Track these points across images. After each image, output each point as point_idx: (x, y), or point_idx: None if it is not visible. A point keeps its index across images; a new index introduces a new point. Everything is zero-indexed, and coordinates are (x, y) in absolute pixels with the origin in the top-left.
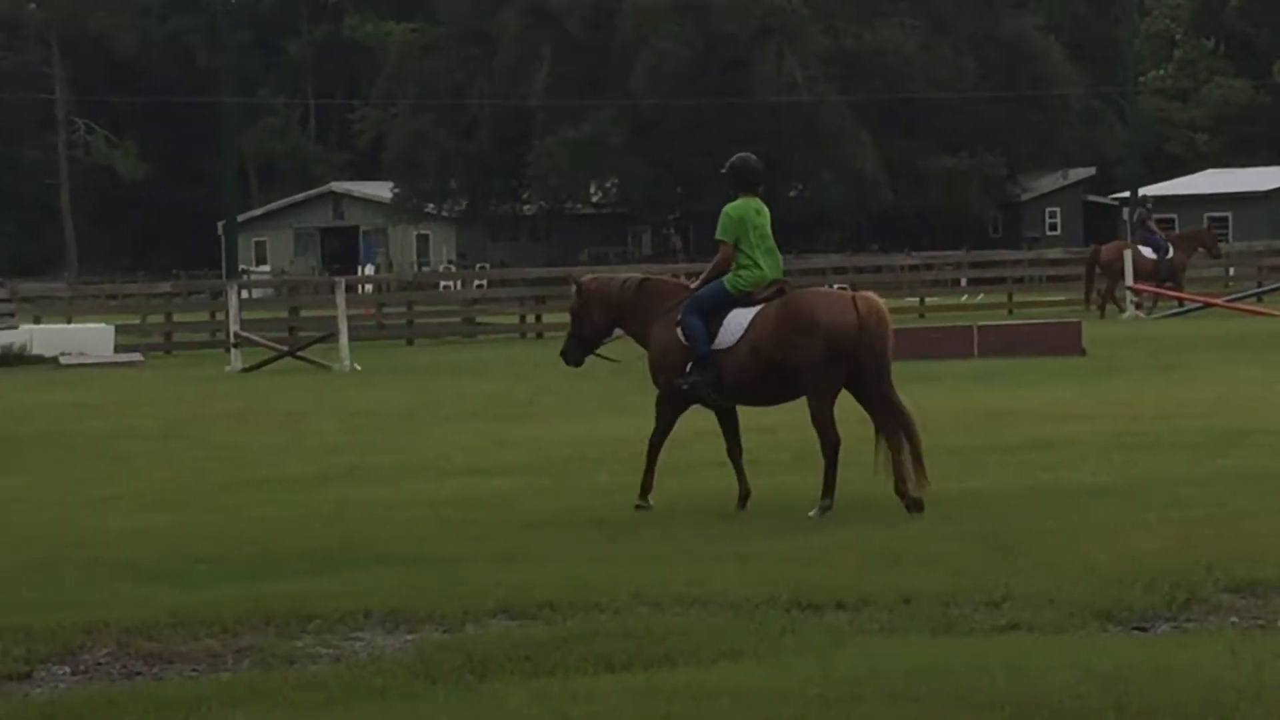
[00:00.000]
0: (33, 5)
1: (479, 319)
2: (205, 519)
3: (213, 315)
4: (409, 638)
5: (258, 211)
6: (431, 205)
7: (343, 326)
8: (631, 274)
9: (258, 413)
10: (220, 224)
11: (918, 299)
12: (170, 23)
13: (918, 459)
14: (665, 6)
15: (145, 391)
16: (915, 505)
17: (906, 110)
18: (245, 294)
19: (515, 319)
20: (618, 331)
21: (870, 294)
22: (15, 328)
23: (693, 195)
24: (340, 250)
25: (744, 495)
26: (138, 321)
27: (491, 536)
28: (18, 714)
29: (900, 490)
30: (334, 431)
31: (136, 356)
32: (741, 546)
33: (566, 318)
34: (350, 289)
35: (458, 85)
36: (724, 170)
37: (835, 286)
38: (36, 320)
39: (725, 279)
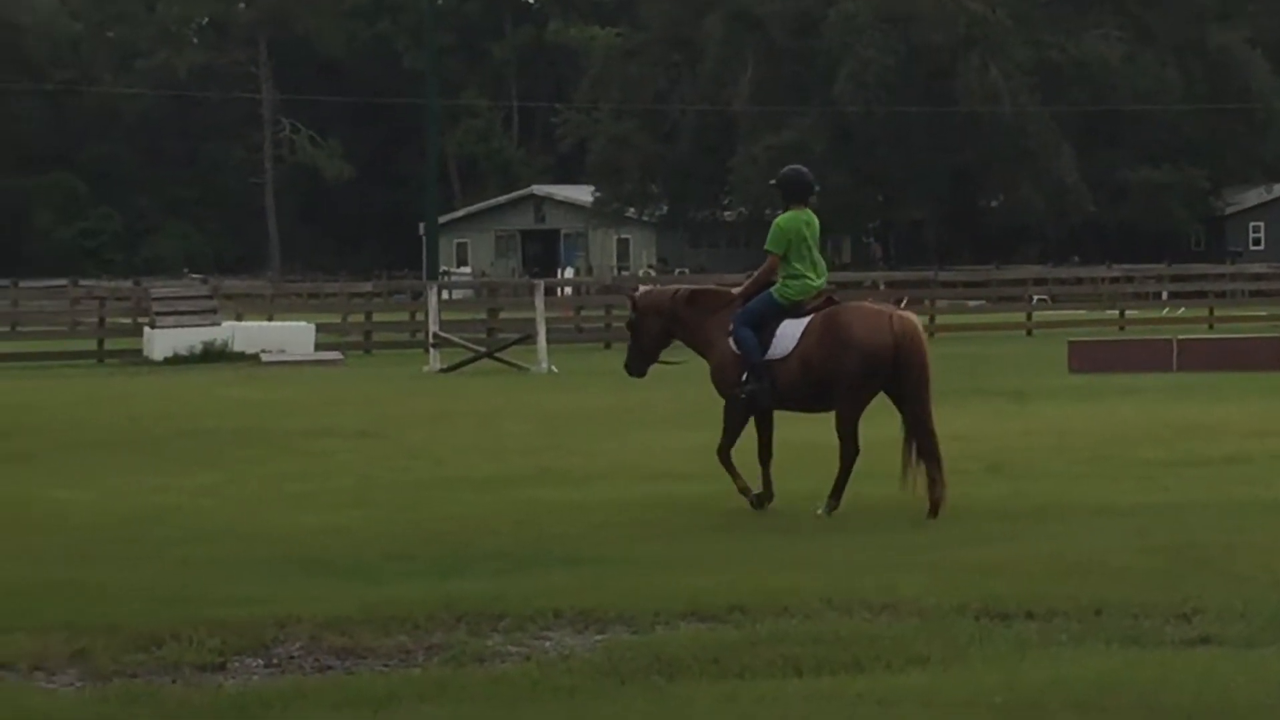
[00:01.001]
0: (242, 6)
1: None
2: (399, 517)
3: (412, 315)
4: (598, 638)
5: (459, 213)
6: (632, 210)
7: (541, 329)
8: (683, 286)
9: (454, 413)
10: (422, 225)
11: (1118, 311)
12: (377, 24)
13: (936, 471)
14: (870, 14)
15: (344, 390)
16: (932, 511)
17: (1109, 122)
18: (445, 295)
19: None
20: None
21: (908, 313)
22: (218, 324)
23: (894, 203)
24: (540, 253)
25: (767, 498)
26: (338, 320)
27: (682, 540)
28: (211, 704)
29: (930, 500)
30: (529, 433)
31: (336, 355)
32: (931, 555)
33: None
34: (549, 292)
35: (660, 90)
36: (774, 181)
37: (899, 302)
38: (239, 317)
39: (774, 290)
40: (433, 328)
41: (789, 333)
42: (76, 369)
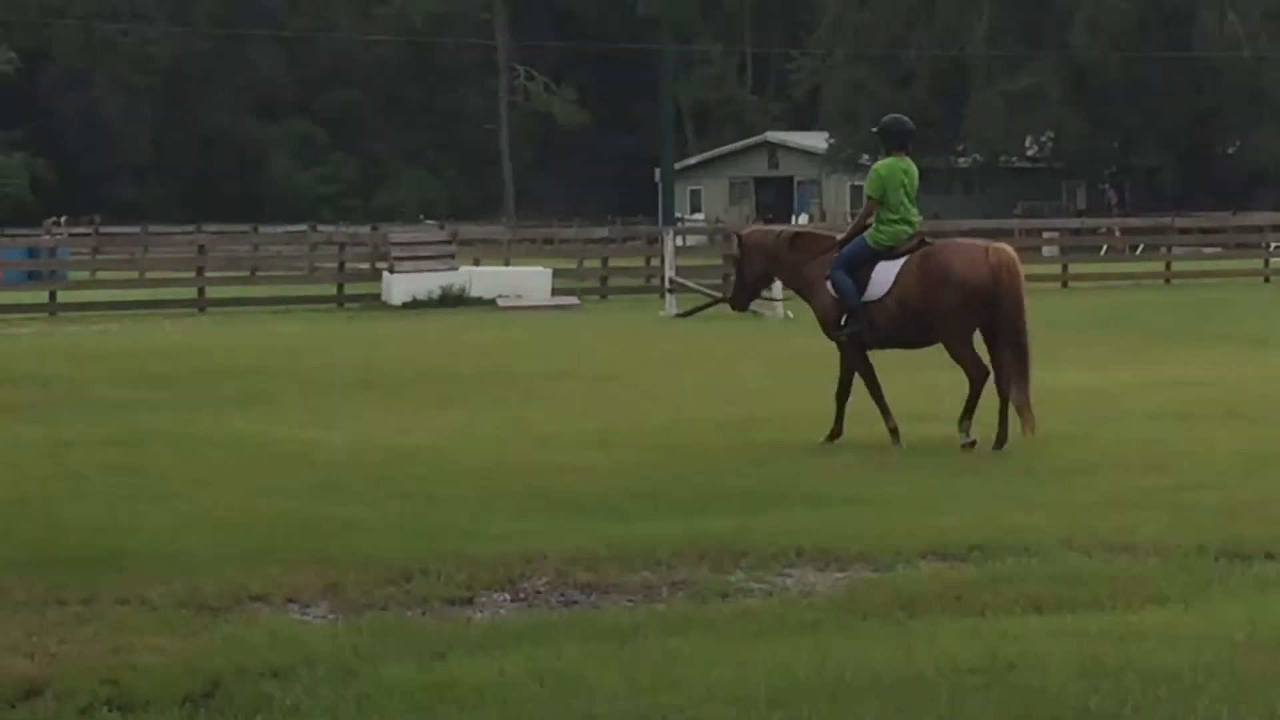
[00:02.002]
0: None
1: None
2: (641, 458)
3: (648, 261)
4: (840, 575)
5: (693, 160)
6: (866, 156)
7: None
8: (787, 228)
9: (691, 357)
10: (657, 171)
11: None
12: None
13: (1026, 403)
14: None
15: (581, 335)
16: (1024, 429)
17: None
18: (680, 241)
19: None
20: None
21: (1003, 245)
22: (456, 269)
23: (1130, 150)
24: (774, 199)
25: (835, 434)
26: (574, 266)
27: (922, 480)
28: (460, 636)
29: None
30: (766, 376)
31: (573, 300)
32: (1171, 497)
33: None
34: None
35: (895, 36)
36: (875, 129)
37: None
38: (476, 263)
39: (867, 234)
40: (669, 273)
41: (884, 275)
42: (316, 313)
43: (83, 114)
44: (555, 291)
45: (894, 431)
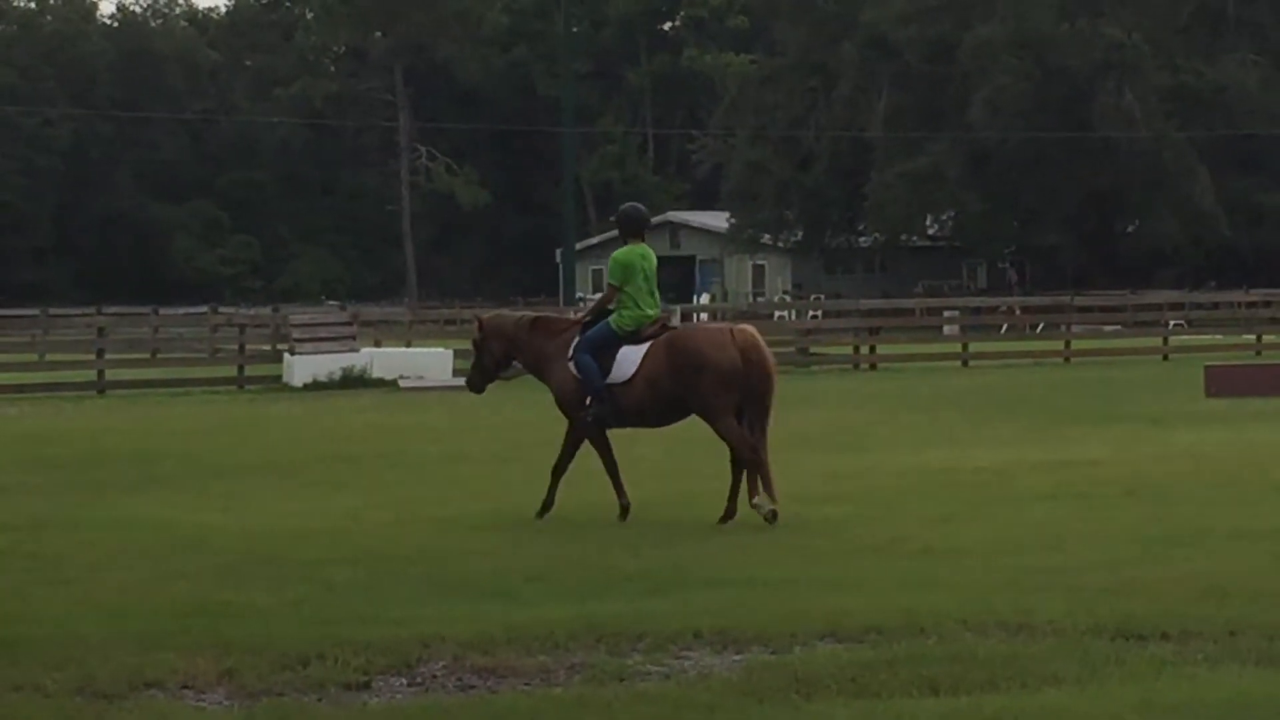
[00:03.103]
0: (379, 34)
1: (813, 349)
2: (538, 539)
3: None
4: (737, 658)
5: (595, 239)
6: (767, 236)
7: None
8: (526, 313)
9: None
10: (559, 251)
11: (1255, 336)
12: (512, 52)
13: (766, 478)
14: (1005, 40)
15: (481, 415)
16: (771, 517)
17: (1245, 146)
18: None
19: (849, 349)
20: (517, 364)
21: (747, 326)
22: (357, 350)
23: (1030, 229)
24: (676, 279)
25: (546, 507)
26: None
27: (820, 562)
28: None
29: (753, 504)
30: (663, 457)
31: None
32: (1067, 577)
33: (901, 349)
34: (685, 317)
35: (795, 116)
36: (614, 218)
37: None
38: (377, 344)
39: (610, 320)
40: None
41: (630, 358)
42: (217, 395)
43: None
44: (457, 372)
45: (625, 509)
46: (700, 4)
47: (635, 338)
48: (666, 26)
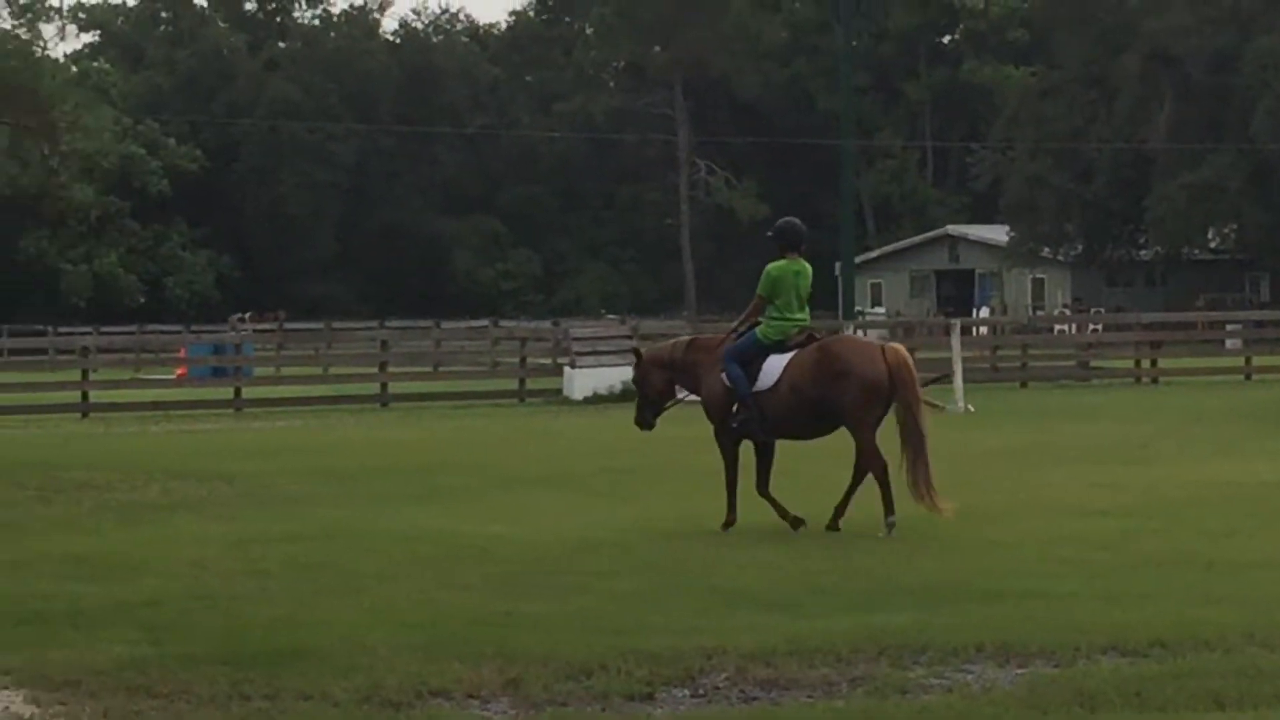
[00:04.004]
0: (658, 49)
1: (1093, 363)
2: (821, 551)
3: None
4: (1019, 671)
5: (874, 253)
6: (1047, 249)
7: (957, 368)
8: (681, 337)
9: None
10: (837, 265)
11: None
12: (792, 66)
13: (928, 480)
14: None
15: None
16: (934, 509)
17: None
18: (861, 334)
19: (1130, 363)
20: (683, 393)
21: (898, 346)
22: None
23: None
24: (955, 293)
25: (796, 521)
26: None
27: (1103, 575)
28: None
29: (918, 498)
30: (946, 471)
31: None
32: None
33: (1183, 363)
34: (965, 331)
35: (1076, 129)
36: (770, 233)
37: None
38: None
39: (757, 330)
40: None
41: (774, 366)
42: (498, 408)
43: (267, 211)
44: None
45: (729, 524)
46: (980, 17)
47: (781, 347)
48: (946, 40)
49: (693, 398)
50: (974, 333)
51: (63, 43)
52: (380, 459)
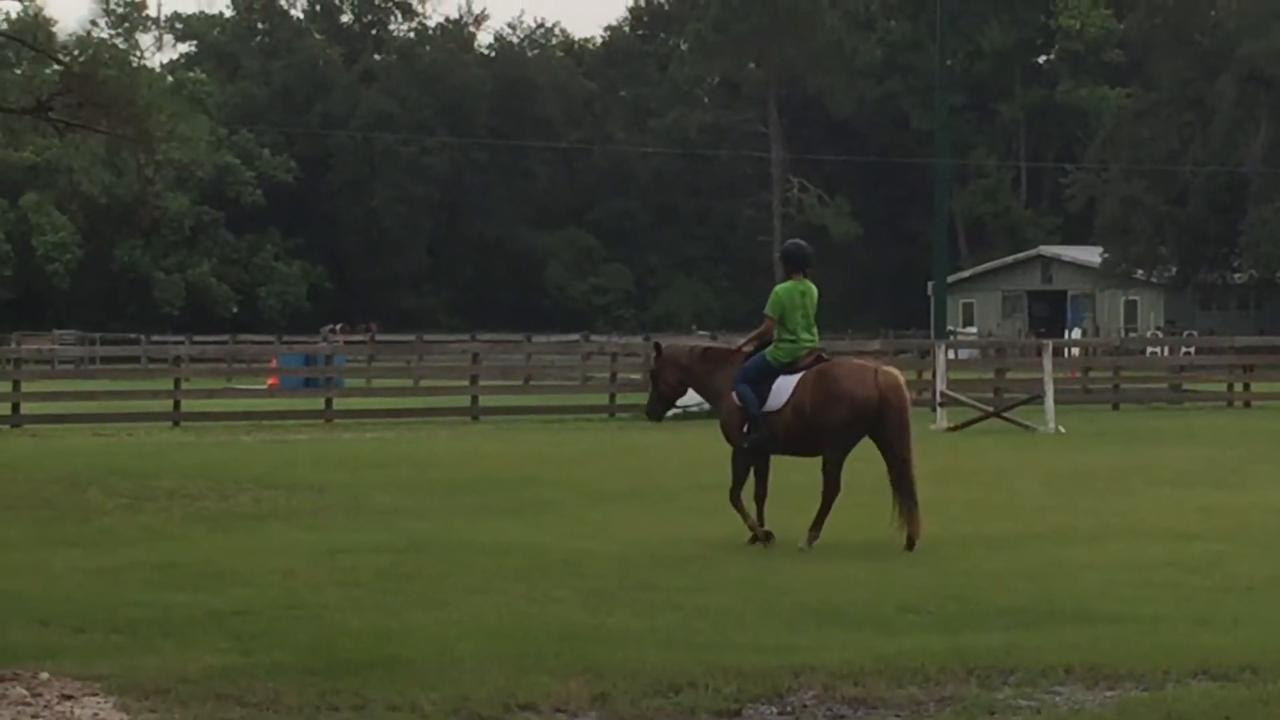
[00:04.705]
0: (753, 66)
1: (1186, 386)
2: (911, 570)
3: (919, 374)
4: (1109, 694)
5: (966, 273)
6: (1140, 271)
7: (1049, 389)
8: (698, 343)
9: (962, 471)
10: (930, 284)
11: None
12: (886, 83)
13: (913, 508)
14: None
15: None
16: (909, 544)
17: None
18: (952, 354)
19: (1223, 387)
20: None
21: (891, 368)
22: None
23: None
24: (1047, 313)
25: (764, 536)
26: None
27: (1194, 599)
28: None
29: (907, 533)
30: (1038, 492)
31: None
32: None
33: (1277, 387)
34: (1056, 353)
35: (1171, 150)
36: (779, 254)
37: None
38: None
39: (766, 351)
40: (940, 386)
41: (783, 387)
42: (588, 423)
43: (361, 223)
44: None
45: (764, 537)
46: (1076, 37)
47: (791, 369)
48: (1041, 60)
49: (704, 405)
50: (1066, 354)
51: (159, 53)
52: (470, 472)
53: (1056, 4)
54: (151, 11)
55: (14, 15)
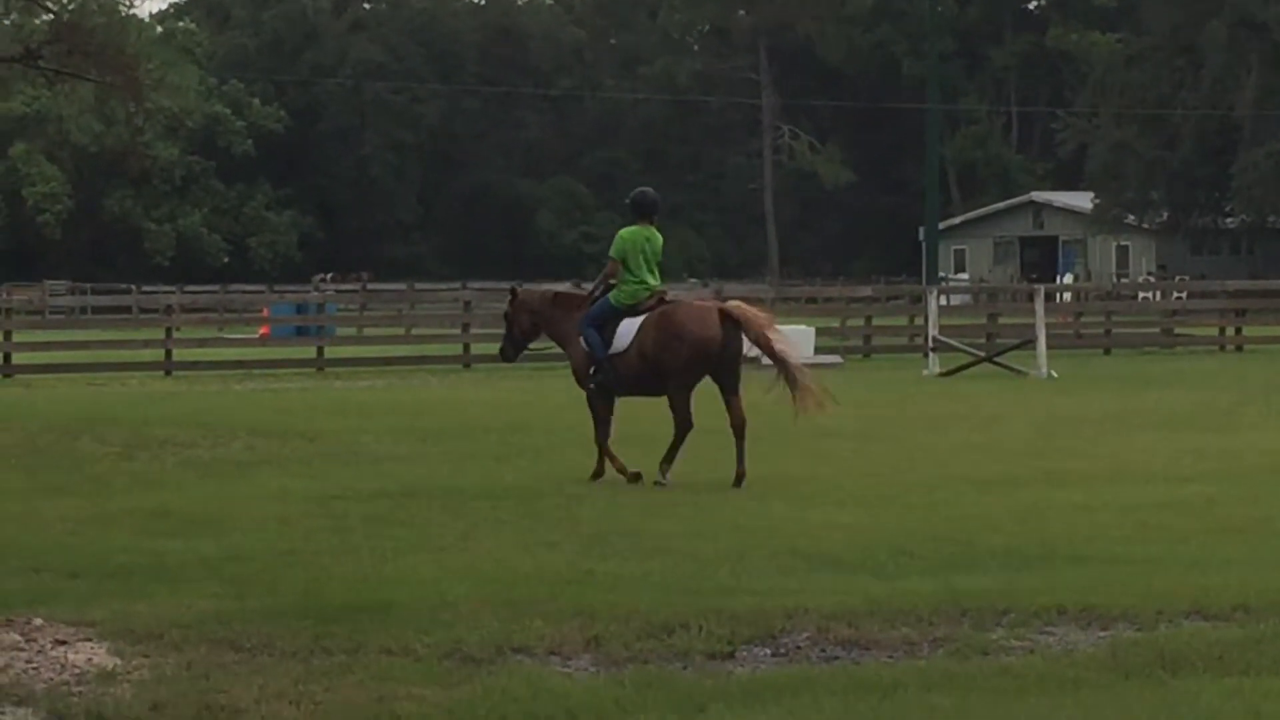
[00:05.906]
0: (742, 12)
1: (1178, 330)
2: (904, 515)
3: (911, 320)
4: (1102, 634)
5: (957, 219)
6: (1132, 216)
7: (1041, 334)
8: (550, 288)
9: (954, 416)
10: (921, 231)
11: None
12: (876, 30)
13: (804, 382)
14: None
15: (844, 392)
16: (737, 480)
17: None
18: (944, 300)
19: (1215, 331)
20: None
21: (735, 302)
22: None
23: None
24: (1038, 259)
25: (597, 474)
26: (837, 324)
27: (1186, 540)
28: (720, 689)
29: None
30: (1029, 436)
31: (836, 359)
32: None
33: (1268, 331)
34: (1048, 298)
35: (1162, 95)
36: (627, 200)
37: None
38: None
39: (610, 295)
40: (932, 332)
41: (626, 330)
42: None
43: (351, 172)
44: (818, 350)
45: (625, 474)
46: None
47: (634, 311)
48: (1032, 5)
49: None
50: (1058, 299)
51: (149, 1)
52: (462, 419)
53: None
54: None
55: None
